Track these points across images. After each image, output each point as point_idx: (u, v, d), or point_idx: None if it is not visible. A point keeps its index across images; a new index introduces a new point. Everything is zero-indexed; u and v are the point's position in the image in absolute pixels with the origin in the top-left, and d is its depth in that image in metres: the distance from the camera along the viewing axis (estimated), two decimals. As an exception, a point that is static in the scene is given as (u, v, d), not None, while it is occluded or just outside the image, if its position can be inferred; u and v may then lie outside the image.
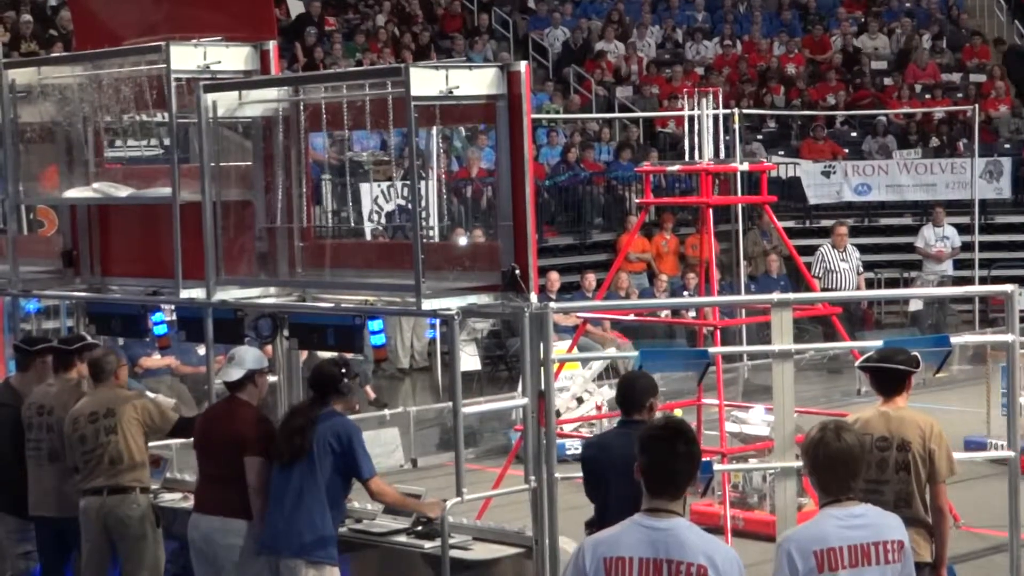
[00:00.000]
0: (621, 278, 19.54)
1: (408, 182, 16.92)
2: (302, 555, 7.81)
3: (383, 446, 13.99)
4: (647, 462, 5.05)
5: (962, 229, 22.77)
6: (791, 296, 9.61)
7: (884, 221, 25.31)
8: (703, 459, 7.42)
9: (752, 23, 30.06)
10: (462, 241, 14.60)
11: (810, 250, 20.34)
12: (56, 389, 9.26)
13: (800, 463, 9.60)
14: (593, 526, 7.67)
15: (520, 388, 9.14)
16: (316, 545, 7.81)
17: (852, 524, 5.47)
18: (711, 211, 12.12)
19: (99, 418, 8.80)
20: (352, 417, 8.30)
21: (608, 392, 13.20)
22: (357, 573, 8.55)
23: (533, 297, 8.22)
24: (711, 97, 12.00)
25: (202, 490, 8.38)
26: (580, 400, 13.57)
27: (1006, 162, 25.17)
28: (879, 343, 8.45)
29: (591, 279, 19.23)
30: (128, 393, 9.15)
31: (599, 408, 13.69)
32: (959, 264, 22.78)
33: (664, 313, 15.54)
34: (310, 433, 7.85)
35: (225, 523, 8.10)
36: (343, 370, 8.12)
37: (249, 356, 8.33)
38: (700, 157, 11.97)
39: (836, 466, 5.50)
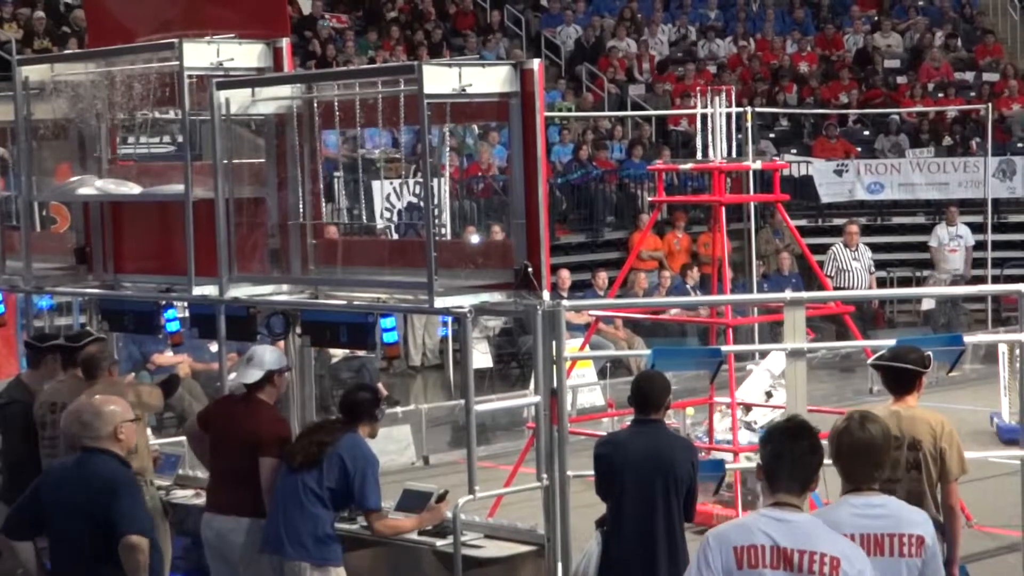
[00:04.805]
0: (640, 277, 19.58)
1: (420, 180, 16.91)
2: (306, 558, 7.79)
3: (395, 444, 13.99)
4: (774, 457, 5.08)
5: (975, 228, 22.73)
6: (804, 295, 9.62)
7: (896, 220, 25.27)
8: (715, 458, 7.39)
9: (765, 21, 30.03)
10: (474, 239, 14.59)
11: (822, 249, 20.31)
12: (67, 386, 9.27)
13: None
14: (604, 525, 7.67)
15: (532, 386, 9.14)
16: (320, 547, 7.80)
17: (868, 513, 5.45)
18: (723, 209, 12.12)
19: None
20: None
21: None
22: (369, 571, 8.54)
23: (546, 295, 8.21)
24: (724, 95, 12.00)
25: (215, 489, 8.38)
26: (769, 394, 12.42)
27: (1019, 161, 25.09)
28: (892, 342, 8.44)
29: (603, 277, 19.22)
30: (126, 385, 9.23)
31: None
32: (972, 263, 22.73)
33: (673, 311, 15.52)
34: (329, 449, 7.85)
35: (238, 522, 8.11)
36: (376, 396, 8.16)
37: (268, 356, 8.28)
38: (712, 155, 11.96)
39: (858, 455, 5.50)
